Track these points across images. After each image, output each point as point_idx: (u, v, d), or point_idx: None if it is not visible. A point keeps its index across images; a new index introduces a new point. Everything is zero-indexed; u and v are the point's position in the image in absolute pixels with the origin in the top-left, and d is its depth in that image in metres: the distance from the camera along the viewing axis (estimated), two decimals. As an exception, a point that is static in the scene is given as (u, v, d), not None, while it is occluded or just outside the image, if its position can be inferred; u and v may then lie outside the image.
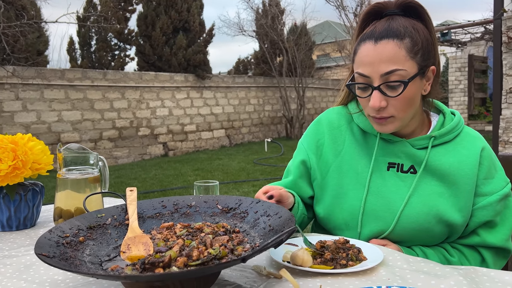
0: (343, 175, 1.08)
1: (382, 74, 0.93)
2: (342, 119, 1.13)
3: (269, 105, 13.26)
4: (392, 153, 1.04)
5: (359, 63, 0.98)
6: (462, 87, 12.18)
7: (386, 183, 1.03)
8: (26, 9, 8.04)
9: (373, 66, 0.94)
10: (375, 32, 0.96)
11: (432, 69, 0.99)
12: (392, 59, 0.93)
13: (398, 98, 0.95)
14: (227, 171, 7.36)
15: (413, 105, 0.98)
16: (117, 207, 0.90)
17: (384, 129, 0.99)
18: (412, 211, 1.00)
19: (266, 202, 0.88)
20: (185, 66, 10.80)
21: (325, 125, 1.14)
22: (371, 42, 0.96)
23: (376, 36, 0.95)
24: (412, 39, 0.94)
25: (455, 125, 1.05)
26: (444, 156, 1.02)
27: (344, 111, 1.14)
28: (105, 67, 10.76)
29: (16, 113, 7.90)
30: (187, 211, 0.93)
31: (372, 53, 0.95)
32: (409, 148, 1.03)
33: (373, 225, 1.03)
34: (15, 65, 7.58)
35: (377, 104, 0.94)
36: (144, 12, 10.77)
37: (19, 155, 1.12)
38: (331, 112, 1.17)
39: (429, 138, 1.02)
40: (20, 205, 1.16)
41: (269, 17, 13.03)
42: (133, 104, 9.60)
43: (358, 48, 0.99)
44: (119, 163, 9.24)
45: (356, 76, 0.98)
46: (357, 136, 1.10)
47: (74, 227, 0.79)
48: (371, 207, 1.03)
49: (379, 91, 0.95)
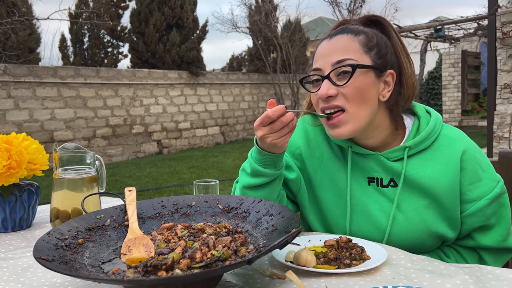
0: (325, 190, 1.04)
1: (333, 63, 0.92)
2: (318, 130, 1.07)
3: (263, 102, 13.24)
4: (368, 167, 0.99)
5: (314, 60, 0.97)
6: (456, 82, 12.24)
7: (369, 200, 0.99)
8: (17, 6, 7.92)
9: (325, 57, 0.93)
10: (329, 33, 0.99)
11: (391, 73, 0.95)
12: (344, 49, 0.92)
13: (347, 86, 0.90)
14: (222, 169, 7.34)
15: (365, 102, 0.91)
16: (116, 207, 0.89)
17: (338, 132, 0.92)
18: (400, 230, 0.96)
19: (268, 202, 0.86)
20: (178, 63, 10.74)
21: (300, 136, 1.08)
22: (326, 40, 0.97)
23: (331, 34, 0.97)
24: (367, 36, 0.94)
25: (431, 130, 0.96)
26: (422, 167, 0.95)
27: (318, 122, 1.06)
28: (98, 64, 10.66)
29: (8, 112, 7.81)
30: (188, 211, 0.91)
31: (327, 46, 0.95)
32: (385, 161, 0.97)
33: (365, 225, 1.00)
34: (6, 63, 7.48)
35: (324, 91, 0.90)
36: (137, 9, 10.68)
37: (14, 155, 1.10)
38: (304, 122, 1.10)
39: (403, 148, 0.95)
40: (15, 206, 1.14)
41: (263, 14, 12.99)
42: (127, 101, 9.53)
43: (315, 51, 0.99)
44: (113, 161, 9.18)
45: (310, 73, 0.97)
46: (334, 149, 1.04)
47: (73, 229, 0.77)
48: (358, 227, 1.00)
49: (329, 80, 0.92)
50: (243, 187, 0.98)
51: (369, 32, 0.95)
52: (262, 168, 0.93)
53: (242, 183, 0.98)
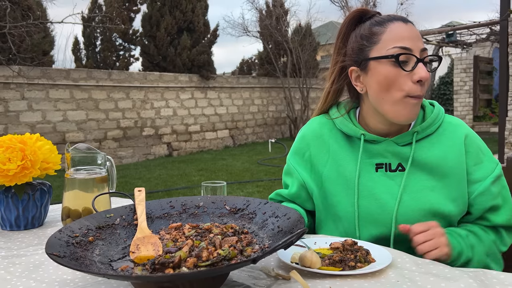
0: (333, 183, 1.07)
1: (421, 49, 0.95)
2: (323, 128, 1.12)
3: (273, 105, 13.27)
4: (378, 153, 1.04)
5: (395, 38, 0.95)
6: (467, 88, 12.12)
7: (376, 185, 1.03)
8: (32, 9, 8.07)
9: (413, 40, 0.95)
10: (397, 16, 1.00)
11: None
12: (421, 38, 0.98)
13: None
14: (231, 172, 7.36)
15: None
16: (126, 207, 0.91)
17: (415, 112, 0.97)
18: (407, 209, 1.00)
19: (274, 203, 0.88)
20: (189, 66, 10.82)
21: (309, 136, 1.13)
22: (401, 22, 0.97)
23: (402, 19, 0.99)
24: None
25: (436, 117, 1.05)
26: (429, 149, 1.02)
27: (325, 119, 1.13)
28: (110, 67, 10.79)
29: (22, 113, 7.94)
30: (195, 211, 0.93)
31: (409, 29, 0.96)
32: (394, 147, 1.02)
33: (372, 229, 1.03)
34: (21, 65, 7.61)
35: (428, 74, 0.93)
36: (148, 13, 10.80)
37: (28, 155, 1.13)
38: (312, 123, 1.15)
39: (412, 133, 1.02)
40: (28, 204, 1.17)
41: (274, 18, 13.03)
42: (138, 104, 9.62)
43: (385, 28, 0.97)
44: (123, 163, 9.27)
45: (397, 51, 0.94)
46: (340, 142, 1.09)
47: (83, 227, 0.79)
48: (365, 211, 1.03)
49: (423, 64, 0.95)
50: None
51: None
52: None
53: None
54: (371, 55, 0.98)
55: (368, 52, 0.98)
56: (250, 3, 13.57)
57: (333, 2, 12.80)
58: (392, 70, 0.94)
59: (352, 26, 1.06)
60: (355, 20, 1.06)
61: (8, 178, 1.11)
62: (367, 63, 0.99)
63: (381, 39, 0.96)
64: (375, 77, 0.97)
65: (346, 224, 1.05)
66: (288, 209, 0.82)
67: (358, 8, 1.07)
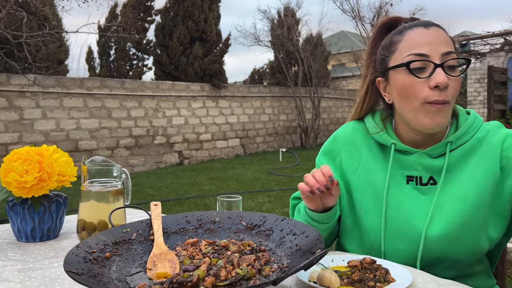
0: (362, 192, 1.04)
1: (442, 54, 0.91)
2: (357, 134, 1.09)
3: (284, 114, 13.27)
4: (409, 165, 1.00)
5: (411, 45, 0.93)
6: (481, 98, 11.99)
7: (406, 197, 0.99)
8: (48, 19, 8.23)
9: (432, 45, 0.91)
10: (419, 22, 0.96)
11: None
12: (447, 42, 0.93)
13: (456, 80, 0.91)
14: (242, 181, 7.35)
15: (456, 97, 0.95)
16: (142, 222, 0.90)
17: (439, 119, 0.91)
18: (437, 226, 0.95)
19: (292, 220, 0.86)
20: (201, 75, 10.90)
21: (341, 141, 1.11)
22: (421, 28, 0.94)
23: (424, 24, 0.95)
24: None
25: (470, 125, 0.99)
26: (463, 159, 0.97)
27: (359, 126, 1.10)
28: (123, 76, 10.93)
29: (36, 121, 8.06)
30: (211, 227, 0.92)
31: (428, 34, 0.92)
32: (426, 159, 0.98)
33: (398, 243, 0.99)
34: (36, 74, 7.75)
35: (446, 79, 0.88)
36: (162, 22, 10.94)
37: (45, 167, 1.14)
38: (346, 128, 1.13)
39: (446, 144, 0.97)
40: (44, 216, 1.17)
41: (285, 28, 13.09)
42: (150, 112, 9.71)
43: (402, 36, 0.95)
44: (135, 171, 9.33)
45: (411, 58, 0.92)
46: (373, 150, 1.06)
47: (100, 242, 0.79)
48: (392, 223, 0.99)
49: (442, 69, 0.90)
50: None
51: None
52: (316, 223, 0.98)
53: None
54: (389, 64, 0.97)
55: (388, 62, 0.98)
56: (262, 13, 13.66)
57: (345, 12, 12.82)
58: (407, 78, 0.93)
59: (383, 36, 1.03)
60: (385, 29, 1.03)
61: (25, 190, 1.11)
62: (387, 73, 0.98)
63: (398, 47, 0.95)
64: (395, 87, 0.97)
65: (372, 235, 1.01)
66: (306, 226, 0.81)
67: (388, 17, 1.04)
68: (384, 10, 12.82)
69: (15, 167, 1.11)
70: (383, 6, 12.85)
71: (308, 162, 9.67)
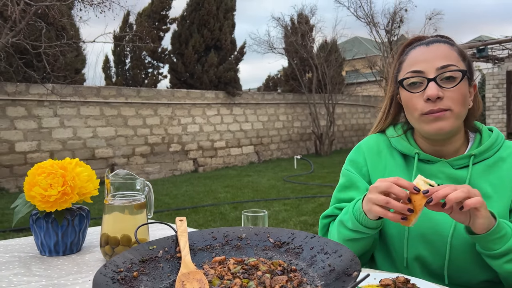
0: None
1: (438, 68, 0.97)
2: (381, 145, 1.13)
3: (298, 121, 13.23)
4: (432, 174, 1.03)
5: (410, 63, 1.01)
6: (500, 104, 11.76)
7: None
8: (65, 29, 8.39)
9: (428, 61, 0.98)
10: (424, 40, 1.05)
11: (474, 84, 1.03)
12: (446, 56, 0.98)
13: (453, 90, 0.96)
14: (257, 189, 7.32)
15: (464, 107, 0.98)
16: (168, 238, 0.88)
17: (442, 125, 0.96)
18: (463, 235, 0.96)
19: (322, 238, 0.83)
20: (216, 83, 10.96)
21: (365, 152, 1.14)
22: (423, 46, 1.02)
23: (427, 42, 1.02)
24: (459, 48, 1.02)
25: (494, 141, 1.03)
26: (485, 173, 1.01)
27: (383, 138, 1.15)
28: (138, 84, 11.05)
29: (54, 129, 8.19)
30: (238, 243, 0.89)
31: (426, 52, 1.00)
32: (449, 169, 1.02)
33: (422, 250, 1.01)
34: (54, 83, 7.88)
35: (435, 92, 0.94)
36: (178, 31, 11.05)
37: (68, 181, 1.13)
38: (369, 139, 1.17)
39: (469, 156, 1.01)
40: (67, 230, 1.16)
41: (299, 35, 13.09)
42: (165, 120, 9.78)
43: (406, 56, 1.04)
44: (150, 178, 9.38)
45: (408, 75, 1.00)
46: (397, 160, 1.09)
47: (127, 260, 0.77)
48: (416, 230, 1.01)
49: (435, 82, 0.96)
50: (343, 240, 1.02)
51: (459, 45, 1.03)
52: (365, 228, 0.96)
53: (342, 236, 1.02)
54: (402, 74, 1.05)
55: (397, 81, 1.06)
56: (276, 20, 13.69)
57: (359, 19, 12.77)
58: (406, 93, 1.01)
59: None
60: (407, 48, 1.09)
61: (49, 204, 1.11)
62: (398, 89, 1.07)
63: (402, 67, 1.05)
64: (402, 102, 1.06)
65: (396, 241, 1.04)
66: (338, 245, 0.78)
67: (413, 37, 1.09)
68: (398, 16, 12.73)
69: (39, 181, 1.11)
70: (397, 12, 12.77)
71: (323, 169, 9.59)
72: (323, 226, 1.18)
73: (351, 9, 12.88)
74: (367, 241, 1.02)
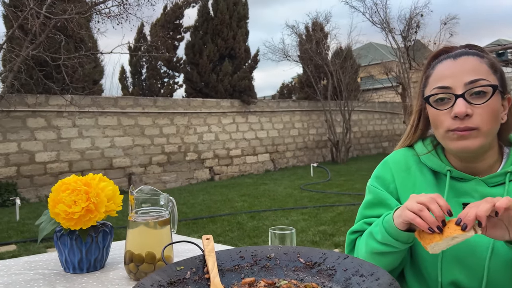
0: None
1: (466, 83, 0.92)
2: (410, 161, 1.07)
3: (313, 128, 13.16)
4: (465, 192, 0.97)
5: (437, 79, 0.96)
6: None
7: None
8: (84, 41, 8.55)
9: (455, 76, 0.93)
10: (451, 53, 0.98)
11: (508, 97, 0.97)
12: (475, 70, 0.93)
13: (483, 106, 0.91)
14: (274, 197, 7.27)
15: (496, 123, 0.94)
16: (195, 258, 0.86)
17: (467, 143, 0.91)
18: (500, 257, 0.91)
19: (356, 258, 0.80)
20: (231, 92, 11.00)
21: (393, 168, 1.09)
22: (450, 59, 0.97)
23: (454, 55, 0.97)
24: (490, 60, 0.96)
25: None
26: None
27: (411, 153, 1.08)
28: (155, 94, 11.16)
29: (73, 140, 8.31)
30: (267, 263, 0.86)
31: (453, 66, 0.95)
32: (483, 187, 0.96)
33: (457, 273, 0.95)
34: (73, 94, 8.01)
35: (463, 109, 0.90)
36: (191, 41, 11.15)
37: (92, 197, 1.12)
38: (397, 154, 1.11)
39: (504, 174, 0.96)
40: (91, 247, 1.15)
41: (314, 42, 13.07)
42: (181, 129, 9.83)
43: (433, 70, 0.99)
44: (167, 187, 9.42)
45: (435, 91, 0.96)
46: (427, 177, 1.03)
47: (155, 283, 0.75)
48: (451, 253, 0.95)
49: (464, 99, 0.91)
50: (371, 253, 0.97)
51: (490, 57, 0.97)
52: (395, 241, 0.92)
53: (370, 248, 0.97)
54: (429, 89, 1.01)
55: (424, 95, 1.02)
56: (290, 28, 13.70)
57: (375, 24, 12.69)
58: (433, 110, 0.97)
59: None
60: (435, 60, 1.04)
61: (73, 221, 1.10)
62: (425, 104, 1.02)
63: (428, 82, 1.00)
64: (429, 117, 1.01)
65: (428, 265, 0.99)
66: (374, 267, 0.74)
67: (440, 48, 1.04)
68: (415, 21, 12.61)
69: (63, 198, 1.10)
70: (413, 17, 12.65)
71: (340, 177, 9.49)
72: (350, 242, 1.13)
73: (367, 15, 12.80)
74: (396, 257, 0.97)
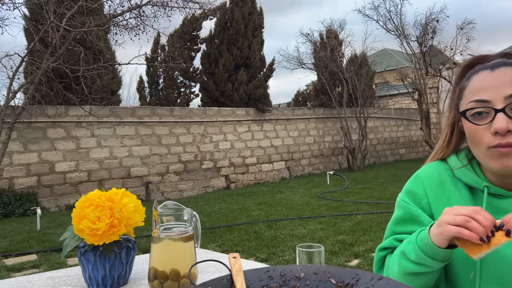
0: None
1: (506, 97, 0.87)
2: (443, 175, 1.02)
3: (329, 136, 13.07)
4: (504, 210, 0.92)
5: (474, 91, 0.92)
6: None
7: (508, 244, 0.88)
8: (102, 53, 8.69)
9: (494, 89, 0.89)
10: (488, 64, 0.93)
11: None
12: None
13: None
14: (291, 206, 7.22)
15: None
16: (223, 278, 0.84)
17: (507, 162, 0.87)
18: None
19: (391, 280, 0.76)
20: (246, 100, 11.02)
21: (425, 182, 1.03)
22: (487, 71, 0.92)
23: (492, 66, 0.92)
24: None
25: None
26: None
27: (444, 167, 1.03)
28: (171, 103, 11.26)
29: (91, 149, 8.42)
30: (296, 284, 0.84)
31: (491, 78, 0.90)
32: None
33: None
34: (92, 105, 8.14)
35: (504, 125, 0.85)
36: (207, 51, 11.24)
37: (115, 213, 1.11)
38: (429, 168, 1.06)
39: None
40: (115, 263, 1.14)
41: (328, 49, 13.03)
42: (198, 138, 9.88)
43: (468, 82, 0.94)
44: (184, 196, 9.46)
45: (472, 105, 0.91)
46: (462, 193, 0.98)
47: (184, 305, 0.73)
48: (490, 273, 0.90)
49: (504, 113, 0.86)
50: (404, 273, 0.93)
51: None
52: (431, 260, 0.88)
53: (403, 268, 0.93)
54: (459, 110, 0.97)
55: (459, 108, 0.97)
56: (305, 36, 13.70)
57: (389, 31, 12.58)
58: (470, 125, 0.92)
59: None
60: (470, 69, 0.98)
61: (97, 237, 1.09)
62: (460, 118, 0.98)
63: (464, 94, 0.95)
64: (466, 132, 0.96)
65: (465, 283, 0.93)
66: (412, 290, 0.70)
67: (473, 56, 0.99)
68: (430, 26, 12.47)
69: (87, 214, 1.10)
70: (429, 22, 12.52)
71: (357, 185, 9.37)
72: (379, 259, 1.09)
73: (380, 23, 12.71)
74: (431, 277, 0.93)
